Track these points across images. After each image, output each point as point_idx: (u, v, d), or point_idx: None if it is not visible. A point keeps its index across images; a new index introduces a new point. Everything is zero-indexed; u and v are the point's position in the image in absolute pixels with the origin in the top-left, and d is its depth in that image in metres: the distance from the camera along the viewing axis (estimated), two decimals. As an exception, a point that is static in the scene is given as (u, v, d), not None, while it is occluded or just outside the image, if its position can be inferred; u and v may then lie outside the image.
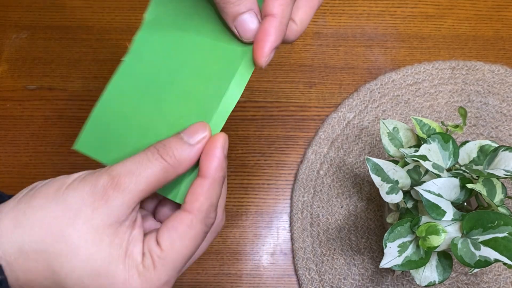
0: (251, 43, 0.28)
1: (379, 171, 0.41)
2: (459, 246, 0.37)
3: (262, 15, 0.28)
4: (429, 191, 0.38)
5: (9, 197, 0.29)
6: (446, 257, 0.41)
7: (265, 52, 0.27)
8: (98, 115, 0.31)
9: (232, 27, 0.28)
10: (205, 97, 0.29)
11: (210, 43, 0.30)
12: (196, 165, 0.28)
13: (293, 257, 0.53)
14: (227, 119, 0.28)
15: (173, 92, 0.30)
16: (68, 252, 0.25)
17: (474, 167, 0.41)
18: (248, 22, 0.28)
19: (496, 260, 0.35)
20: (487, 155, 0.40)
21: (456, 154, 0.41)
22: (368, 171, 0.54)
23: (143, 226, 0.28)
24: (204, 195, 0.27)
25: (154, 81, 0.30)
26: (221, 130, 0.28)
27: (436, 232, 0.37)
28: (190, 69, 0.30)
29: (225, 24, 0.29)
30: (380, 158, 0.44)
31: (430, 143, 0.40)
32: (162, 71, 0.30)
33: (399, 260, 0.39)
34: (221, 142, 0.28)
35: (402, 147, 0.43)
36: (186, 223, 0.27)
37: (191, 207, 0.27)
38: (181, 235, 0.27)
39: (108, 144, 0.31)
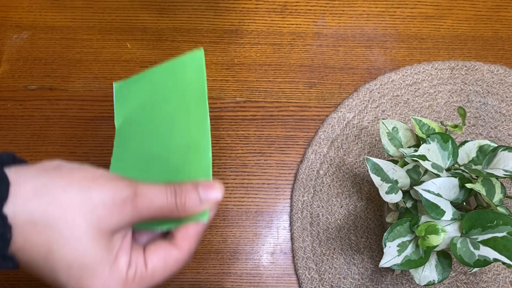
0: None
1: (378, 170, 0.41)
2: (458, 245, 0.37)
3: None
4: (429, 191, 0.38)
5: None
6: (446, 256, 0.41)
7: None
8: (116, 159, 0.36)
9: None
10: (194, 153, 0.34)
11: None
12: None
13: (293, 257, 0.53)
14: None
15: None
16: (69, 239, 0.27)
17: (473, 167, 0.41)
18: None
19: (495, 260, 0.35)
20: (486, 155, 0.40)
21: (455, 154, 0.41)
22: (367, 170, 0.54)
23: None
24: (196, 239, 0.31)
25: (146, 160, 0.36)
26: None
27: (435, 231, 0.37)
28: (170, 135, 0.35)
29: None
30: (379, 158, 0.44)
31: (430, 143, 0.41)
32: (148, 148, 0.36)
33: (399, 260, 0.39)
34: (220, 198, 0.31)
35: (402, 147, 0.44)
36: (174, 257, 0.30)
37: (183, 246, 0.30)
38: (165, 266, 0.30)
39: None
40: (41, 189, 0.27)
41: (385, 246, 0.39)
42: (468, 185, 0.38)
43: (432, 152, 0.40)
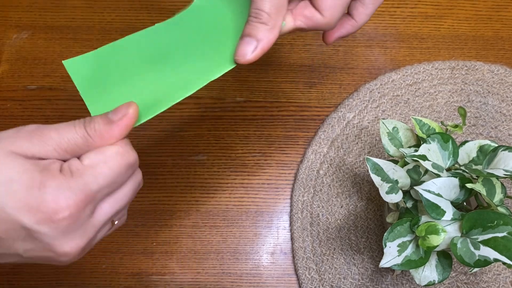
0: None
1: (378, 170, 0.41)
2: (458, 245, 0.37)
3: None
4: (429, 191, 0.38)
5: None
6: (446, 256, 0.41)
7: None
8: (105, 52, 0.34)
9: (239, 40, 0.32)
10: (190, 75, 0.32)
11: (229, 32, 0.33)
12: None
13: (293, 257, 0.53)
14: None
15: (173, 62, 0.33)
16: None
17: (474, 167, 0.41)
18: (246, 45, 0.32)
19: (496, 260, 0.35)
20: (486, 155, 0.40)
21: (455, 154, 0.41)
22: (368, 170, 0.54)
23: None
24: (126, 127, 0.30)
25: (171, 49, 0.33)
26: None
27: (435, 231, 0.37)
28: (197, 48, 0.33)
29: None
30: (380, 158, 0.44)
31: (430, 143, 0.40)
32: (182, 43, 0.34)
33: (399, 260, 0.39)
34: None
35: (402, 147, 0.44)
36: (114, 149, 0.29)
37: (120, 141, 0.29)
38: (106, 158, 0.28)
39: (96, 83, 0.33)
40: None
41: (385, 246, 0.39)
42: (469, 185, 0.38)
43: (433, 152, 0.40)
